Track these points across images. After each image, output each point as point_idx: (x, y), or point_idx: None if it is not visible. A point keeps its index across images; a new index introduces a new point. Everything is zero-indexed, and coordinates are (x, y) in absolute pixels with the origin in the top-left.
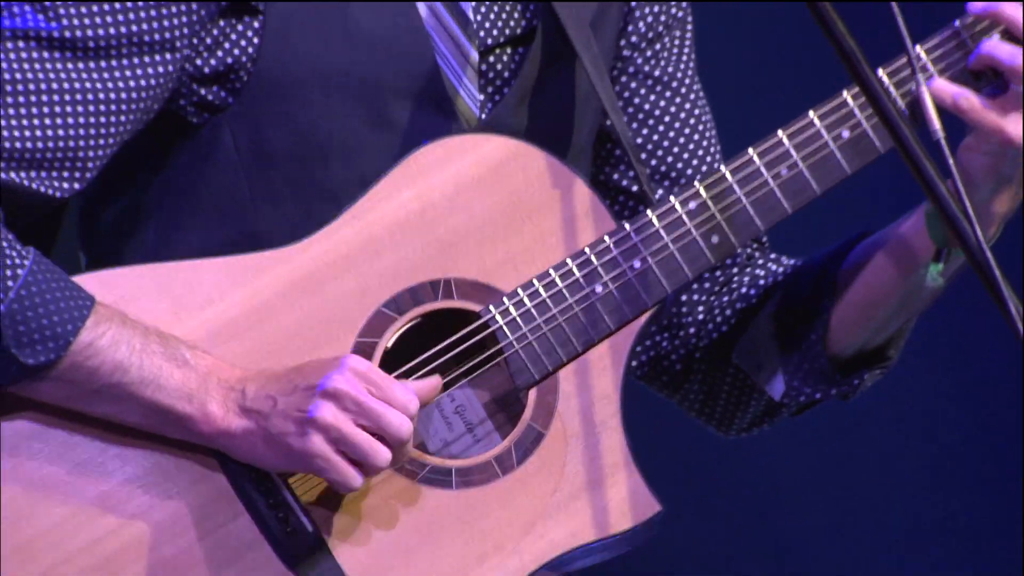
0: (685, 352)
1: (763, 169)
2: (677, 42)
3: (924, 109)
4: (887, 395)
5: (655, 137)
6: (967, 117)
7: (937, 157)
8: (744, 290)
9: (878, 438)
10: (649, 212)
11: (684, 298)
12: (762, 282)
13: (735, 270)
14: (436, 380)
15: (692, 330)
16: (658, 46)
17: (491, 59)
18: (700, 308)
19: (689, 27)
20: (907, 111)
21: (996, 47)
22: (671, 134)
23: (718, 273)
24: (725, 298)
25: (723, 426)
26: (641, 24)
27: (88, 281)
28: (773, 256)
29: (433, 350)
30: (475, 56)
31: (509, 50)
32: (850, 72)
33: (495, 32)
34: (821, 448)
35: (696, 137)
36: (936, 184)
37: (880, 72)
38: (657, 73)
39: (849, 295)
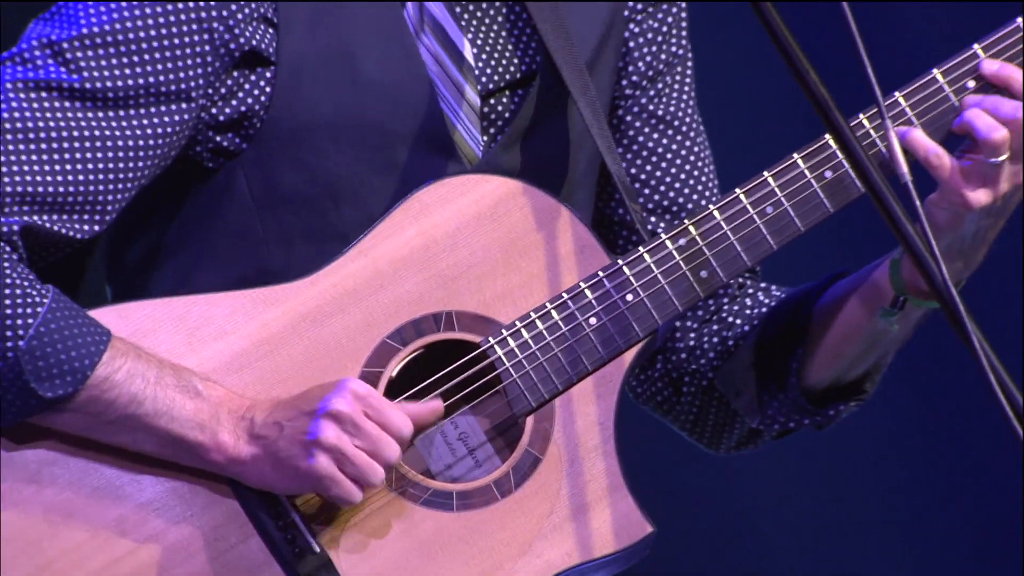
0: (677, 376)
1: (749, 207)
2: (678, 80)
3: (892, 153)
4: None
5: (657, 173)
6: (935, 174)
7: (906, 200)
8: (732, 319)
9: (861, 451)
10: (641, 248)
11: (678, 324)
12: (748, 312)
13: (725, 300)
14: (437, 404)
15: (684, 355)
16: (660, 84)
17: (491, 102)
18: (692, 335)
19: (689, 64)
20: (887, 153)
21: (976, 117)
22: (672, 170)
23: (710, 302)
24: (715, 326)
25: (712, 446)
26: (641, 64)
27: (107, 314)
28: (763, 286)
29: (434, 378)
30: (476, 100)
31: (508, 94)
32: (821, 117)
33: (495, 77)
34: (809, 466)
35: (696, 173)
36: (903, 223)
37: (861, 116)
38: (660, 112)
39: (822, 332)
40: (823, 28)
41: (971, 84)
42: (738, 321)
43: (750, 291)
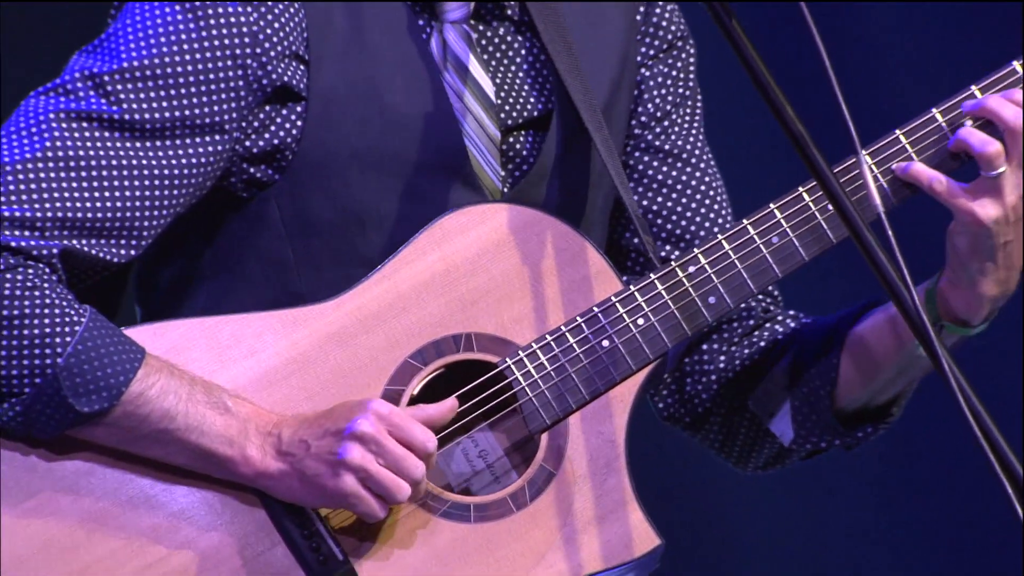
0: (707, 396)
1: (756, 238)
2: (687, 117)
3: (866, 187)
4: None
5: (669, 204)
6: (941, 199)
7: (880, 233)
8: (763, 344)
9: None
10: (652, 275)
11: (706, 347)
12: (780, 337)
13: (752, 322)
14: (452, 402)
15: (713, 377)
16: (667, 123)
17: (511, 139)
18: (722, 357)
19: (699, 102)
20: (888, 188)
21: (969, 134)
22: (684, 201)
23: (736, 326)
24: (746, 350)
25: (740, 464)
26: (650, 105)
27: (142, 332)
28: (791, 313)
29: (453, 396)
30: (498, 136)
31: (527, 131)
32: (803, 159)
33: (515, 115)
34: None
35: (707, 202)
36: (876, 254)
37: (863, 153)
38: (668, 147)
39: (855, 357)
40: (806, 68)
41: (968, 123)
42: (769, 345)
43: (778, 317)
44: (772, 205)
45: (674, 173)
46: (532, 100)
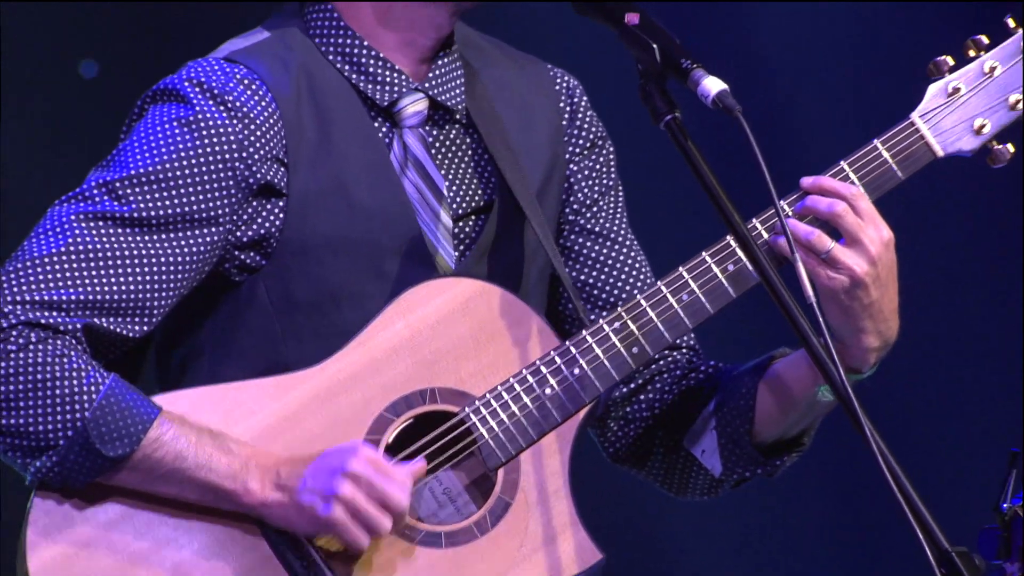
0: (647, 439)
1: (669, 296)
2: (611, 203)
3: (800, 279)
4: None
5: (602, 277)
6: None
7: (812, 318)
8: (689, 391)
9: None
10: (584, 331)
11: (643, 397)
12: (704, 384)
13: (679, 372)
14: (421, 462)
15: (651, 422)
16: (595, 208)
17: (461, 224)
18: (656, 405)
19: (620, 191)
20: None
21: (795, 225)
22: (613, 274)
23: (667, 376)
24: (677, 398)
25: (680, 494)
26: (580, 194)
27: (159, 399)
28: (711, 363)
29: (422, 442)
30: (450, 223)
31: (475, 217)
32: (727, 224)
33: (464, 204)
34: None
35: (634, 273)
36: (802, 326)
37: (754, 220)
38: (597, 229)
39: (768, 400)
40: (732, 139)
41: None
42: (696, 392)
43: (701, 367)
44: (681, 268)
45: (604, 251)
46: (479, 191)
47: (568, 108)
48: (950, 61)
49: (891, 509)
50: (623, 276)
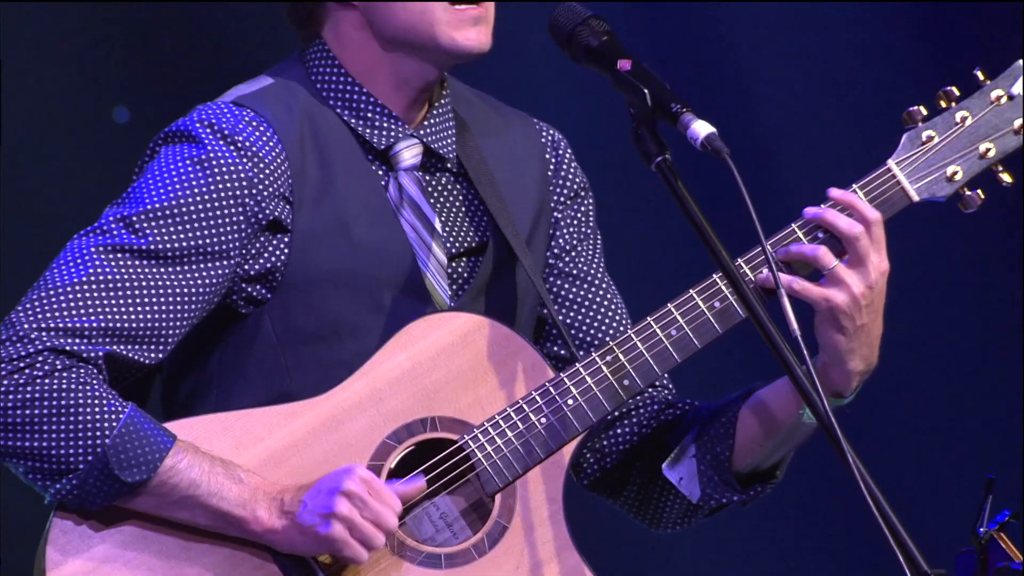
0: (625, 468)
1: (658, 332)
2: (590, 248)
3: (784, 312)
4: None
5: (579, 317)
6: (800, 296)
7: (795, 348)
8: (667, 424)
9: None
10: (578, 364)
11: (620, 430)
12: (681, 418)
13: (656, 408)
14: (420, 481)
15: (629, 453)
16: (574, 253)
17: (455, 263)
18: (635, 437)
19: (599, 237)
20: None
21: (801, 245)
22: (591, 314)
23: (643, 411)
24: (655, 431)
25: (654, 524)
26: (561, 240)
27: (171, 426)
28: (687, 400)
29: (423, 468)
30: (444, 260)
31: (468, 257)
32: (717, 263)
33: (458, 244)
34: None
35: (609, 314)
36: (786, 355)
37: (739, 260)
38: (575, 272)
39: (751, 424)
40: (720, 181)
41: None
42: (674, 425)
43: (677, 404)
44: (670, 304)
45: (581, 292)
46: (471, 233)
47: (553, 159)
48: (923, 111)
49: (873, 532)
50: (599, 316)
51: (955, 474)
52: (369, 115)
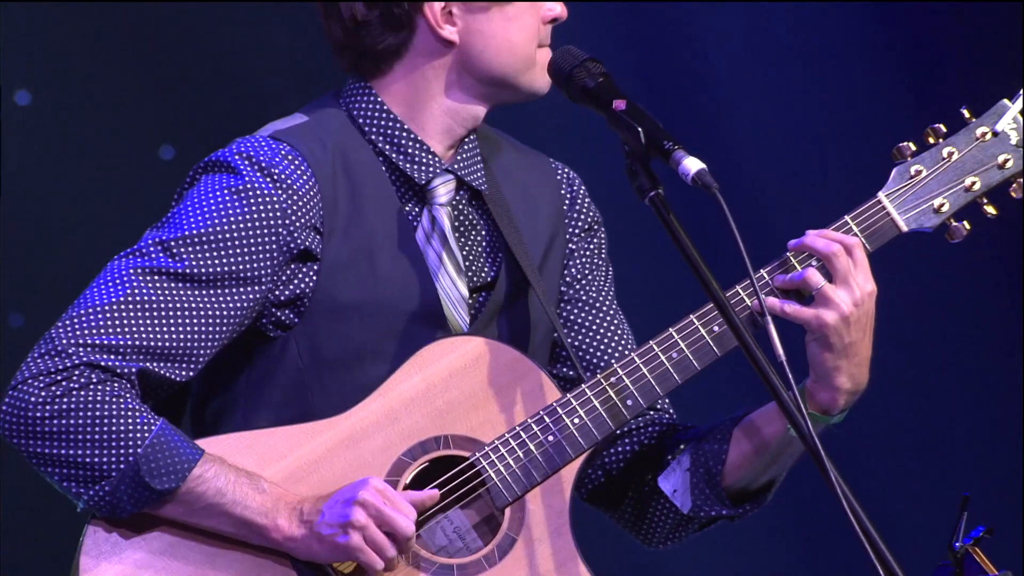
0: (623, 483)
1: (660, 354)
2: (601, 278)
3: (771, 340)
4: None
5: (588, 341)
6: (792, 319)
7: (782, 374)
8: (665, 443)
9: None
10: (583, 385)
11: (620, 448)
12: (678, 437)
13: (656, 428)
14: (434, 492)
15: (628, 468)
16: (584, 282)
17: (475, 295)
18: (633, 453)
19: (610, 269)
20: (749, 320)
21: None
22: (598, 338)
23: (643, 430)
24: (653, 449)
25: (646, 539)
26: (574, 270)
27: (199, 443)
28: (684, 423)
29: (436, 483)
30: (466, 293)
31: (489, 289)
32: (713, 302)
33: (479, 277)
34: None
35: (616, 339)
36: (771, 378)
37: (737, 287)
38: (585, 298)
39: (742, 443)
40: (710, 216)
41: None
42: (671, 443)
43: (676, 424)
44: (671, 329)
45: (591, 318)
46: (490, 264)
47: (568, 196)
48: (912, 146)
49: (857, 547)
50: (606, 341)
51: (933, 492)
52: (411, 151)
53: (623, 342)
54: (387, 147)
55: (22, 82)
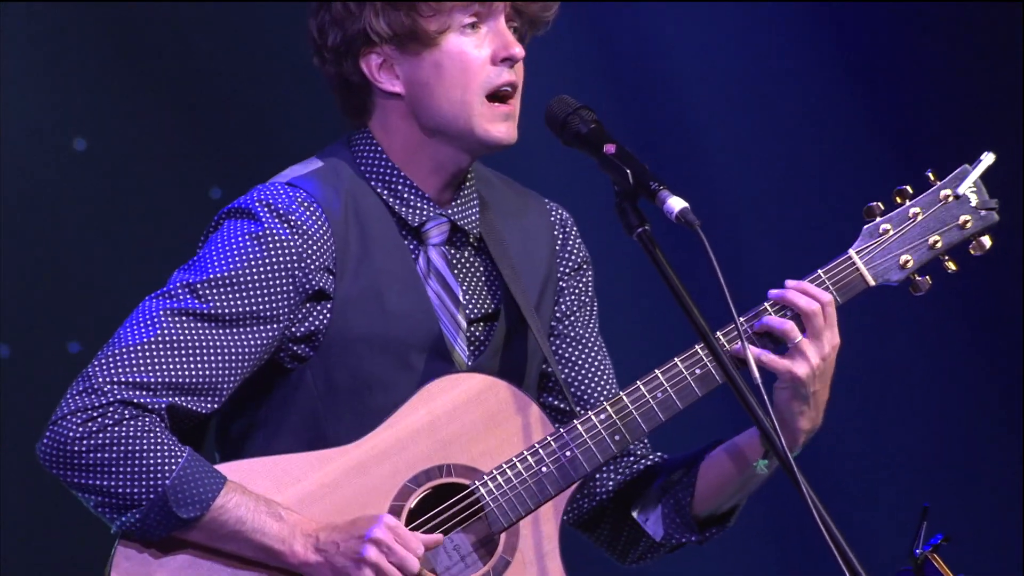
0: (601, 509)
1: (646, 394)
2: (587, 315)
3: (748, 364)
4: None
5: (573, 374)
6: (767, 367)
7: (758, 396)
8: (641, 472)
9: None
10: (575, 421)
11: (598, 476)
12: (652, 467)
13: (632, 459)
14: (438, 536)
15: (605, 496)
16: (573, 318)
17: (473, 328)
18: (610, 483)
19: (595, 305)
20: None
21: (770, 319)
22: (583, 372)
23: (621, 461)
24: (629, 477)
25: (621, 558)
26: (563, 306)
27: (221, 467)
28: (659, 454)
29: (439, 508)
30: (465, 325)
31: (485, 322)
32: (698, 333)
33: (477, 310)
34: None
35: (599, 373)
36: (756, 411)
37: (718, 333)
38: (572, 334)
39: (710, 473)
40: (696, 257)
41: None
42: (646, 473)
43: (650, 456)
44: (656, 371)
45: (576, 352)
46: (488, 300)
47: (561, 235)
48: (881, 206)
49: (826, 552)
50: (589, 374)
51: (896, 503)
52: (405, 195)
53: (605, 376)
54: (385, 192)
55: (78, 131)
